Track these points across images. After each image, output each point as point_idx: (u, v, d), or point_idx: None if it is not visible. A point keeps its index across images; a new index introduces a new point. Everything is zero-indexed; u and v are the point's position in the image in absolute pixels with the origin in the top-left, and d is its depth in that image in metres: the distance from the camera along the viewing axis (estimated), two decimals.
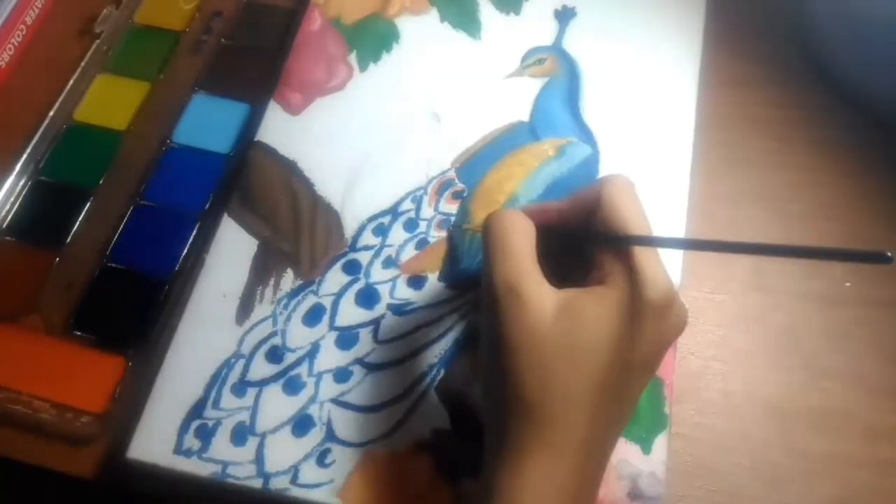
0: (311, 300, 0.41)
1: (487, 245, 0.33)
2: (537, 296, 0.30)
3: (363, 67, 0.49)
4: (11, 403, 0.39)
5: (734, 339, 0.42)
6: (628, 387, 0.32)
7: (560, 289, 0.31)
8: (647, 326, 0.30)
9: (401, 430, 0.38)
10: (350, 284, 0.42)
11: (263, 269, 0.42)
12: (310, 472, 0.37)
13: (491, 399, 0.33)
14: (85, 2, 0.52)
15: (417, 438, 0.38)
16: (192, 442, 0.38)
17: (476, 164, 0.45)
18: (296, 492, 0.37)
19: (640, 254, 0.31)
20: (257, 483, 0.37)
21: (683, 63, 0.48)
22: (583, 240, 0.34)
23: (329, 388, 0.39)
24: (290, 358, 0.40)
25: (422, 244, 0.43)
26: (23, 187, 0.46)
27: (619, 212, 0.32)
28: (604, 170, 0.45)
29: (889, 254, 0.23)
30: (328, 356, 0.40)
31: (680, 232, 0.43)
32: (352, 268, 0.42)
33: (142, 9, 0.53)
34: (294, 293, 0.42)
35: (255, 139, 0.46)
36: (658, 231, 0.43)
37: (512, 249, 0.32)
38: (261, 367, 0.40)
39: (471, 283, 0.42)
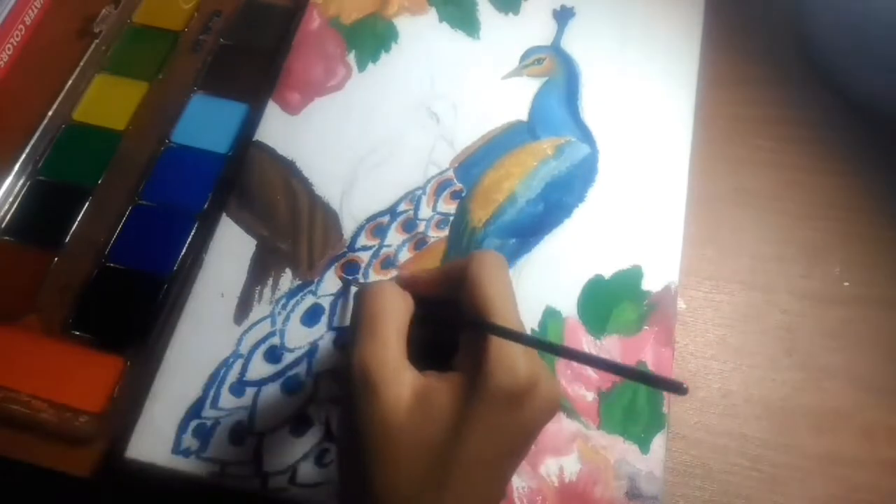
0: (309, 300, 0.41)
1: (354, 321, 0.31)
2: (394, 386, 0.28)
3: (362, 67, 0.49)
4: (10, 403, 0.39)
5: (732, 339, 0.42)
6: (487, 481, 0.29)
7: (427, 369, 0.30)
8: (499, 418, 0.28)
9: None
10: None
11: (262, 268, 0.42)
12: (308, 472, 0.37)
13: (344, 485, 0.31)
14: (84, 1, 0.52)
15: None
16: (190, 441, 0.38)
17: (474, 164, 0.45)
18: (294, 491, 0.37)
19: (496, 339, 0.29)
20: (255, 483, 0.37)
21: (682, 62, 0.48)
22: (445, 318, 0.33)
23: (327, 387, 0.39)
24: (288, 358, 0.40)
25: (420, 244, 0.43)
26: (21, 187, 0.46)
27: (482, 293, 0.30)
28: (602, 168, 0.45)
29: (685, 386, 0.25)
30: (327, 356, 0.40)
31: (678, 230, 0.43)
32: (350, 268, 0.42)
33: (141, 8, 0.53)
34: (293, 293, 0.42)
35: (254, 139, 0.46)
36: (656, 229, 0.43)
37: (377, 331, 0.30)
38: (259, 367, 0.40)
39: None
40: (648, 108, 0.47)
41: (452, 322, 0.32)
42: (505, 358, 0.28)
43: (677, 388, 0.25)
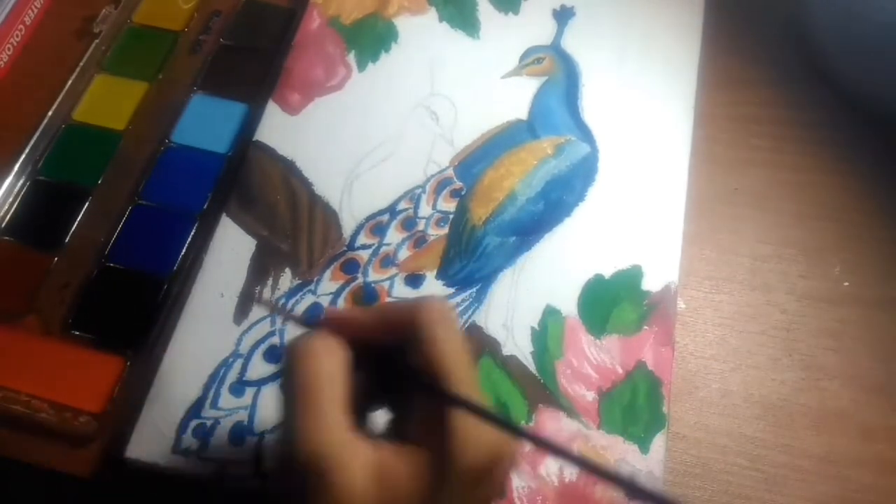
0: (309, 299, 0.41)
1: (289, 388, 0.27)
2: (347, 471, 0.26)
3: (362, 67, 0.49)
4: (10, 403, 0.39)
5: (732, 338, 0.42)
6: None
7: (369, 429, 0.28)
8: (467, 495, 0.27)
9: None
10: (348, 283, 0.42)
11: (262, 268, 0.42)
12: None
13: None
14: (84, 1, 0.52)
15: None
16: (190, 441, 0.38)
17: (474, 163, 0.45)
18: None
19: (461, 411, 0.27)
20: (255, 483, 0.37)
21: (681, 62, 0.48)
22: (396, 378, 0.30)
23: None
24: None
25: (420, 242, 0.43)
26: (21, 187, 0.46)
27: (439, 354, 0.27)
28: (602, 168, 0.45)
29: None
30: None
31: (678, 230, 0.43)
32: (350, 267, 0.42)
33: (141, 8, 0.53)
34: (292, 292, 0.42)
35: (254, 139, 0.46)
36: (655, 229, 0.43)
37: (316, 406, 0.26)
38: (259, 367, 0.40)
39: (469, 282, 0.42)
40: (648, 108, 0.47)
41: (407, 386, 0.29)
42: (475, 434, 0.26)
43: None
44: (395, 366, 0.29)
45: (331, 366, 0.28)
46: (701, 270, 0.44)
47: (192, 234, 0.44)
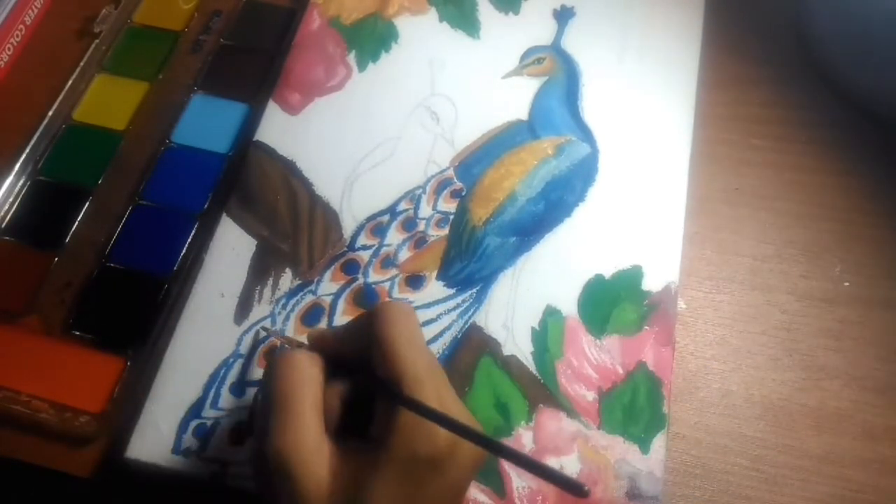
0: (309, 300, 0.41)
1: (268, 396, 0.30)
2: (313, 470, 0.27)
3: (362, 67, 0.49)
4: (10, 403, 0.39)
5: (733, 338, 0.42)
6: None
7: (348, 429, 0.29)
8: (419, 488, 0.27)
9: None
10: (348, 284, 0.42)
11: (262, 268, 0.42)
12: None
13: None
14: (84, 1, 0.52)
15: None
16: (190, 441, 0.38)
17: (475, 163, 0.45)
18: None
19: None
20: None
21: (682, 62, 0.48)
22: (358, 382, 0.31)
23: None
24: None
25: (420, 243, 0.43)
26: (22, 187, 0.46)
27: (392, 355, 0.29)
28: (603, 168, 0.45)
29: (586, 488, 0.24)
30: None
31: (679, 230, 0.43)
32: (350, 267, 0.42)
33: (141, 8, 0.53)
34: (293, 293, 0.42)
35: (254, 139, 0.46)
36: (656, 229, 0.43)
37: (290, 412, 0.28)
38: (260, 367, 0.40)
39: (469, 282, 0.42)
40: (648, 108, 0.47)
41: (365, 387, 0.31)
42: (418, 431, 0.27)
43: (578, 491, 0.24)
44: (362, 374, 0.31)
45: (305, 374, 0.30)
46: (701, 270, 0.44)
47: (192, 234, 0.44)
